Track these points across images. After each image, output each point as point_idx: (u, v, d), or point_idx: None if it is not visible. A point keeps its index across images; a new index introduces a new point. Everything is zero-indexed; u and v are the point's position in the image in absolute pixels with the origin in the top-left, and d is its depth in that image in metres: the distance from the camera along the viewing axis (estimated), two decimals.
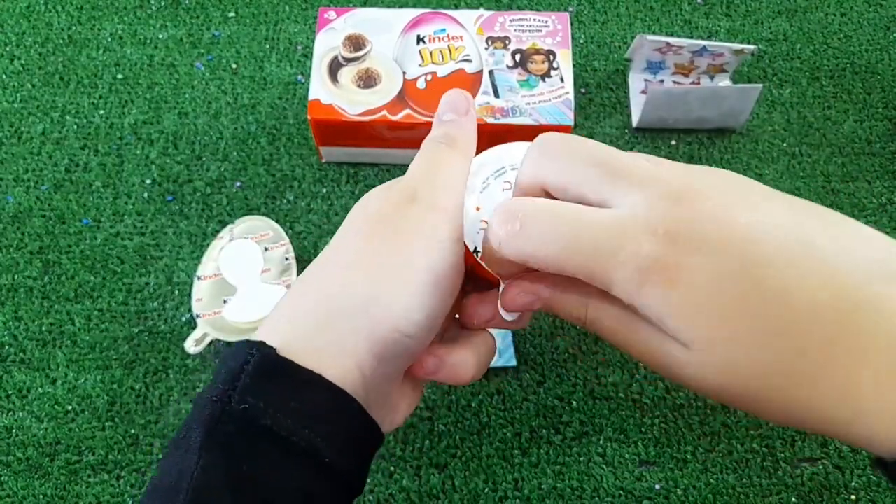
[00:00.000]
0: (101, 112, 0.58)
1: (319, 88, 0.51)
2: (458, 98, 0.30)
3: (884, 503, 0.47)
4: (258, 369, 0.23)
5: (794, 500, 0.47)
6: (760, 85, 0.54)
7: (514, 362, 0.49)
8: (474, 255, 0.27)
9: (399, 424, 0.29)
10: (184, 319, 0.51)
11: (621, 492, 0.47)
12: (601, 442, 0.48)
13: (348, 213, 0.28)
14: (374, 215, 0.27)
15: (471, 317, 0.28)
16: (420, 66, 0.52)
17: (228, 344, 0.23)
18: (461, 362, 0.28)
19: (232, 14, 0.63)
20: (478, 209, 0.28)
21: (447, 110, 0.30)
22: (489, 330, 0.30)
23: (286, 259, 0.51)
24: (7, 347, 0.50)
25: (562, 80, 0.52)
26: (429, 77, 0.52)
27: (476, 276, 0.28)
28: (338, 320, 0.25)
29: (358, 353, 0.25)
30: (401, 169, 0.56)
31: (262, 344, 0.24)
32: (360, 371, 0.25)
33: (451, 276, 0.26)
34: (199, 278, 0.50)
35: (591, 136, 0.58)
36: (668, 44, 0.56)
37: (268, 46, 0.61)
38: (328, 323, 0.25)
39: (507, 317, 0.27)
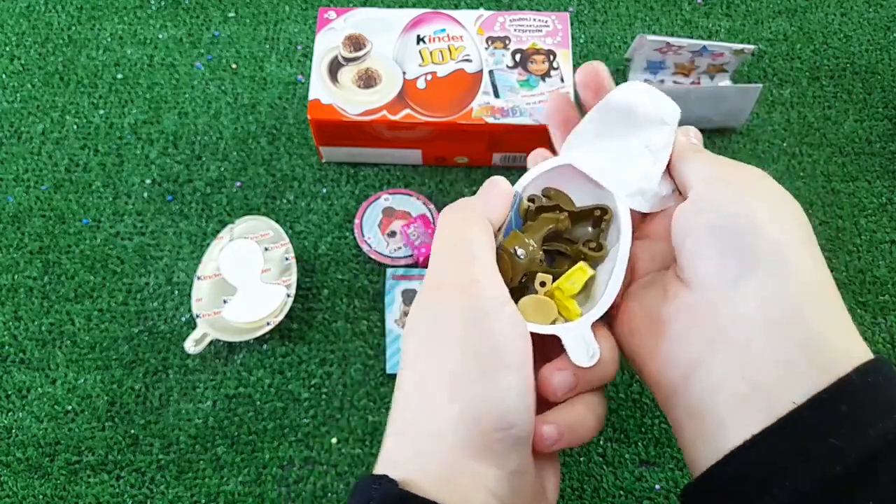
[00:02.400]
0: (101, 112, 0.58)
1: (319, 88, 0.51)
2: (488, 184, 0.30)
3: None
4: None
5: None
6: (760, 85, 0.54)
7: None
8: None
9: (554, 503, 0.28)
10: (184, 319, 0.51)
11: (621, 492, 0.47)
12: (601, 442, 0.48)
13: (405, 335, 0.27)
14: (430, 328, 0.26)
15: (552, 391, 0.27)
16: (420, 65, 0.52)
17: (358, 479, 0.24)
18: (579, 422, 0.27)
19: (232, 14, 0.63)
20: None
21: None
22: None
23: (286, 259, 0.51)
24: (7, 347, 0.50)
25: (562, 79, 0.52)
26: (429, 77, 0.52)
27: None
28: (448, 444, 0.24)
29: (477, 469, 0.24)
30: (401, 169, 0.57)
31: (384, 478, 0.24)
32: (486, 489, 0.24)
33: (519, 340, 0.25)
34: (198, 278, 0.50)
35: None
36: (668, 44, 0.56)
37: (268, 46, 0.61)
38: (442, 450, 0.25)
39: (585, 363, 0.26)
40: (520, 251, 0.28)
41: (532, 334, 0.26)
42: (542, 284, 0.28)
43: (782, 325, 0.23)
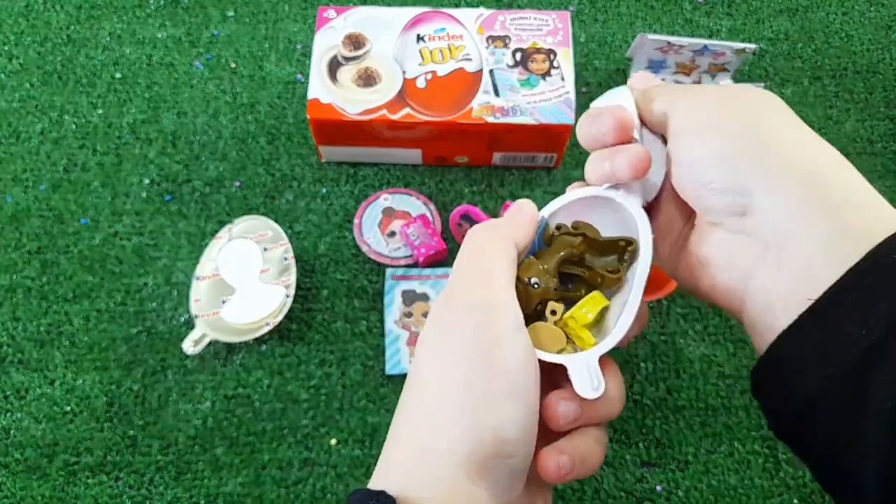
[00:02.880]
0: (100, 111, 0.58)
1: (319, 88, 0.51)
2: (514, 208, 0.30)
3: None
4: None
5: (795, 501, 0.46)
6: (762, 84, 0.54)
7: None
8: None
9: None
10: (182, 320, 0.51)
11: (622, 493, 0.46)
12: None
13: (417, 347, 0.27)
14: (441, 345, 0.26)
15: (555, 420, 0.26)
16: (420, 65, 0.52)
17: (353, 492, 0.24)
18: (589, 453, 0.27)
19: (231, 13, 0.62)
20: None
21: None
22: None
23: (285, 259, 0.50)
24: (5, 348, 0.50)
25: (562, 78, 0.52)
26: (429, 76, 0.52)
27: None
28: (446, 464, 0.24)
29: (474, 492, 0.25)
30: (400, 168, 0.56)
31: (381, 493, 0.24)
32: None
33: (527, 370, 0.25)
34: (197, 278, 0.50)
35: None
36: (669, 43, 0.56)
37: (267, 45, 0.61)
38: (440, 469, 0.25)
39: (590, 395, 0.26)
40: (534, 280, 0.28)
41: (540, 361, 0.26)
42: (553, 313, 0.28)
43: (812, 207, 0.24)
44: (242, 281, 0.49)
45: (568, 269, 0.29)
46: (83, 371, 0.49)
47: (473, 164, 0.56)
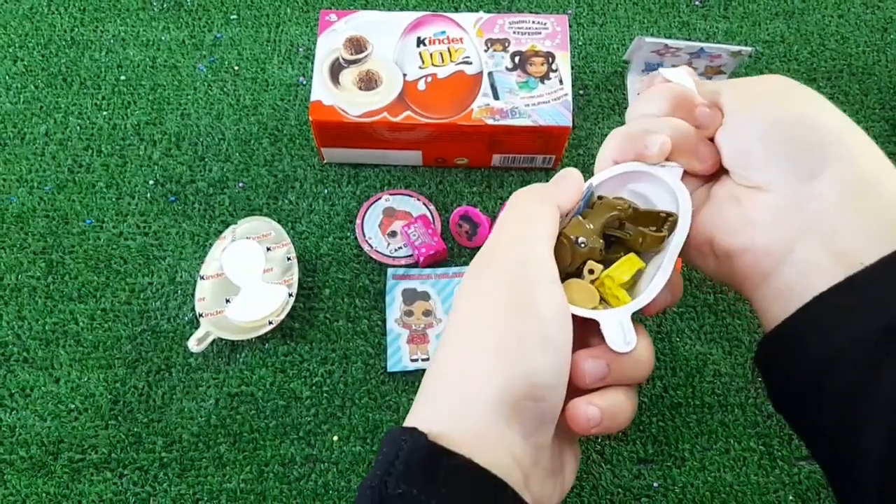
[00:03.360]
0: (104, 113, 0.59)
1: (321, 90, 0.52)
2: (562, 174, 0.31)
3: None
4: (412, 456, 0.24)
5: (791, 498, 0.47)
6: None
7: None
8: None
9: (569, 488, 0.29)
10: (186, 319, 0.52)
11: (620, 490, 0.47)
12: (599, 440, 0.48)
13: (455, 297, 0.29)
14: (478, 294, 0.28)
15: (582, 377, 0.27)
16: (420, 67, 0.53)
17: (389, 430, 0.25)
18: (619, 408, 0.27)
19: (234, 16, 0.63)
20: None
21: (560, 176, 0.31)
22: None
23: (288, 259, 0.51)
24: (10, 346, 0.51)
25: (561, 81, 0.52)
26: (429, 79, 0.52)
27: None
28: (478, 402, 0.25)
29: (504, 432, 0.25)
30: (401, 170, 0.57)
31: (413, 430, 0.25)
32: (510, 453, 0.25)
33: (561, 321, 0.26)
34: (201, 278, 0.50)
35: (589, 136, 0.59)
36: (666, 45, 0.56)
37: (269, 48, 0.62)
38: (472, 407, 0.25)
39: (622, 348, 0.27)
40: (581, 239, 0.29)
41: (574, 318, 0.27)
42: (591, 272, 0.29)
43: (861, 200, 0.25)
44: (246, 280, 0.50)
45: (610, 232, 0.30)
46: (88, 369, 0.50)
47: (473, 165, 0.57)
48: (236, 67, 0.61)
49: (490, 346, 0.26)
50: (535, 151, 0.55)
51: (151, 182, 0.56)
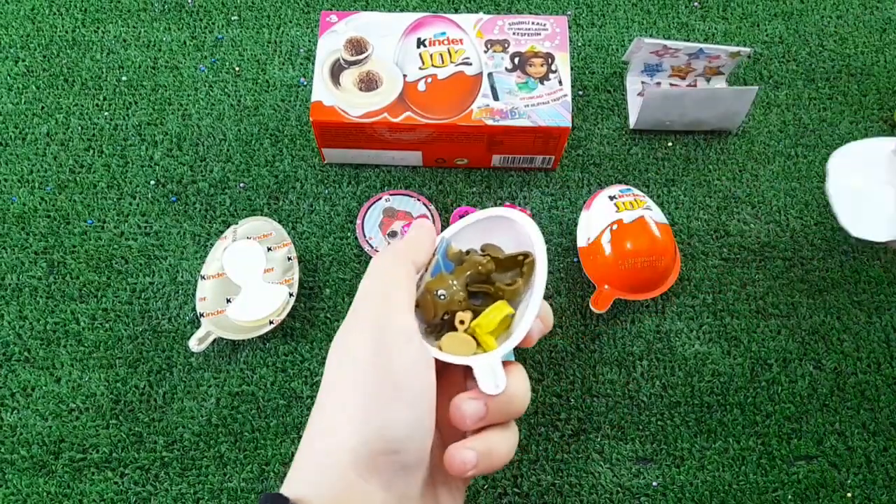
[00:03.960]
0: (106, 114, 0.59)
1: (321, 91, 0.52)
2: (414, 228, 0.32)
3: (879, 501, 0.47)
4: None
5: (790, 497, 0.47)
6: (756, 87, 0.55)
7: (512, 359, 0.50)
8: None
9: None
10: (187, 318, 0.52)
11: (619, 488, 0.47)
12: (599, 439, 0.48)
13: (329, 363, 0.29)
14: (340, 354, 0.29)
15: (461, 418, 0.28)
16: (420, 68, 0.53)
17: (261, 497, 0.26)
18: (494, 449, 0.29)
19: (235, 17, 0.63)
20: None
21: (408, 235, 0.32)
22: None
23: (288, 259, 0.51)
24: (12, 346, 0.51)
25: (560, 82, 0.52)
26: (429, 79, 0.52)
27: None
28: (337, 464, 0.26)
29: (365, 489, 0.26)
30: (400, 170, 0.57)
31: (279, 496, 0.26)
32: None
33: (420, 375, 0.27)
34: (202, 278, 0.51)
35: (588, 137, 0.59)
36: (664, 46, 0.57)
37: (270, 49, 0.62)
38: (331, 468, 0.26)
39: (492, 391, 0.28)
40: (440, 291, 0.31)
41: (457, 366, 0.29)
42: (462, 322, 0.31)
43: None
44: (247, 280, 0.50)
45: (477, 288, 0.32)
46: (89, 369, 0.50)
47: (473, 165, 0.57)
48: (237, 68, 0.61)
49: (349, 405, 0.27)
50: (534, 152, 0.55)
51: (152, 182, 0.56)
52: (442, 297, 0.30)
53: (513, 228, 0.32)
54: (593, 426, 0.49)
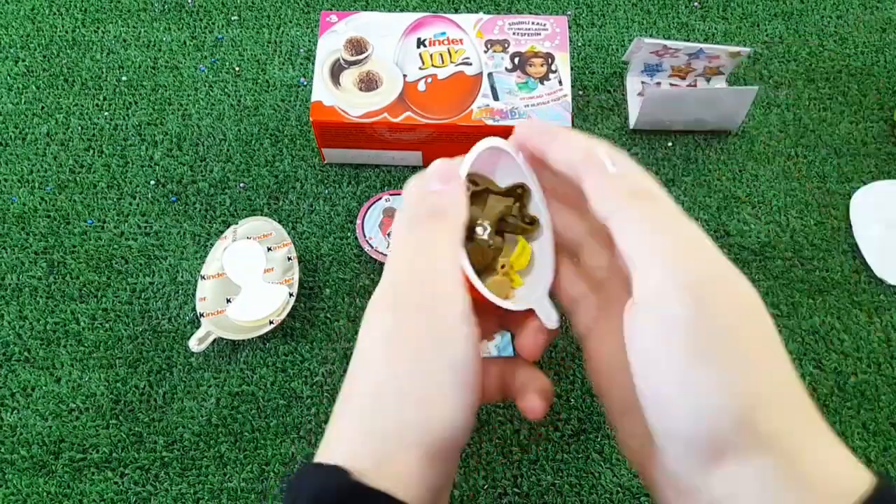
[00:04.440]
0: (106, 114, 0.59)
1: (321, 91, 0.52)
2: (442, 167, 0.29)
3: None
4: (341, 492, 0.24)
5: None
6: (756, 87, 0.55)
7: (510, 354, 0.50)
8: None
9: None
10: (187, 318, 0.52)
11: (619, 488, 0.47)
12: (599, 439, 0.48)
13: (362, 339, 0.28)
14: (390, 338, 0.27)
15: (533, 351, 0.30)
16: (420, 68, 0.53)
17: (301, 466, 0.25)
18: (548, 388, 0.31)
19: (235, 17, 0.63)
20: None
21: (433, 179, 0.29)
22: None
23: (289, 259, 0.51)
24: (12, 346, 0.51)
25: (560, 82, 0.52)
26: (429, 80, 0.52)
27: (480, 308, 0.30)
28: (394, 441, 0.26)
29: (424, 470, 0.26)
30: (400, 170, 0.57)
31: (337, 468, 0.25)
32: (428, 486, 0.26)
33: (474, 360, 0.27)
34: (202, 278, 0.51)
35: None
36: (664, 46, 0.57)
37: (270, 49, 0.62)
38: (387, 450, 0.26)
39: (555, 325, 0.30)
40: (486, 237, 0.31)
41: (490, 304, 0.29)
42: (503, 266, 0.31)
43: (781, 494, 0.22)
44: (247, 280, 0.50)
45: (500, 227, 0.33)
46: (89, 369, 0.50)
47: None
48: (237, 68, 0.61)
49: (407, 391, 0.26)
50: None
51: (153, 182, 0.56)
52: (490, 245, 0.31)
53: (506, 160, 0.32)
54: (593, 426, 0.49)
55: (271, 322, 0.49)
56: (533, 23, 0.54)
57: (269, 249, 0.51)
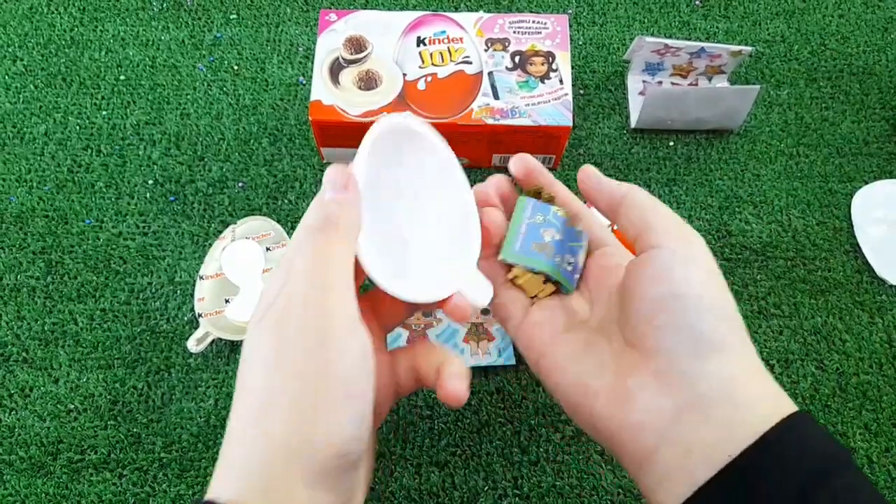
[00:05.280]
0: (104, 113, 0.59)
1: (320, 90, 0.52)
2: (336, 174, 0.29)
3: None
4: None
5: None
6: (758, 86, 0.55)
7: (513, 361, 0.50)
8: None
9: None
10: (186, 319, 0.51)
11: (620, 490, 0.47)
12: None
13: (245, 351, 0.27)
14: (270, 360, 0.26)
15: (462, 317, 0.31)
16: (420, 67, 0.53)
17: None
18: (464, 369, 0.30)
19: (234, 16, 0.63)
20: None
21: (327, 188, 0.29)
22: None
23: None
24: (10, 347, 0.51)
25: (561, 81, 0.52)
26: (429, 78, 0.52)
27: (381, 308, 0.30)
28: (280, 466, 0.24)
29: (314, 496, 0.25)
30: None
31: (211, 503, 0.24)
32: None
33: (364, 372, 0.26)
34: (201, 278, 0.50)
35: (589, 136, 0.59)
36: (666, 45, 0.56)
37: (269, 48, 0.62)
38: (271, 473, 0.24)
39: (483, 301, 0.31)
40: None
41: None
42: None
43: (734, 395, 0.26)
44: (245, 280, 0.50)
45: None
46: (87, 369, 0.50)
47: (473, 165, 0.57)
48: (236, 67, 0.61)
49: (290, 407, 0.24)
50: (535, 151, 0.55)
51: (151, 182, 0.56)
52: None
53: (420, 140, 0.31)
54: None
55: None
56: (533, 21, 0.54)
57: (267, 249, 0.51)
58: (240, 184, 0.56)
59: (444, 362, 0.30)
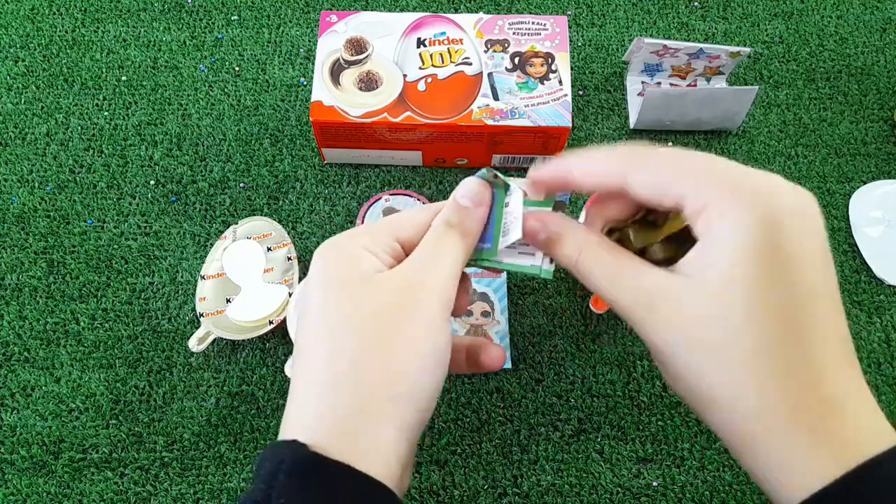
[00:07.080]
0: (105, 114, 0.59)
1: (321, 91, 0.52)
2: (479, 190, 0.31)
3: None
4: (294, 467, 0.24)
5: None
6: (756, 87, 0.55)
7: (508, 364, 0.50)
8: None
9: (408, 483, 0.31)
10: (187, 318, 0.52)
11: (619, 489, 0.47)
12: (599, 439, 0.48)
13: (337, 306, 0.28)
14: (377, 308, 0.27)
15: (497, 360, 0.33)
16: (420, 68, 0.53)
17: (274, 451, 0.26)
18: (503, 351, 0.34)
19: (235, 17, 0.63)
20: None
21: (467, 196, 0.31)
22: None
23: (288, 259, 0.51)
24: (12, 346, 0.51)
25: (560, 82, 0.52)
26: (429, 79, 0.52)
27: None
28: (362, 413, 0.26)
29: (389, 439, 0.26)
30: (400, 170, 0.57)
31: (294, 442, 0.25)
32: (395, 455, 0.26)
33: (447, 350, 0.28)
34: (202, 278, 0.51)
35: (589, 137, 0.59)
36: (665, 46, 0.57)
37: (270, 49, 0.62)
38: (353, 416, 0.26)
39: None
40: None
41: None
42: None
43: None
44: (246, 280, 0.50)
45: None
46: (89, 369, 0.50)
47: (473, 165, 0.57)
48: (237, 68, 0.61)
49: (358, 358, 0.26)
50: (534, 152, 0.55)
51: (152, 182, 0.56)
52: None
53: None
54: (593, 426, 0.49)
55: (271, 322, 0.49)
56: (533, 23, 0.54)
57: (268, 249, 0.51)
58: (241, 184, 0.56)
59: (479, 344, 0.33)
